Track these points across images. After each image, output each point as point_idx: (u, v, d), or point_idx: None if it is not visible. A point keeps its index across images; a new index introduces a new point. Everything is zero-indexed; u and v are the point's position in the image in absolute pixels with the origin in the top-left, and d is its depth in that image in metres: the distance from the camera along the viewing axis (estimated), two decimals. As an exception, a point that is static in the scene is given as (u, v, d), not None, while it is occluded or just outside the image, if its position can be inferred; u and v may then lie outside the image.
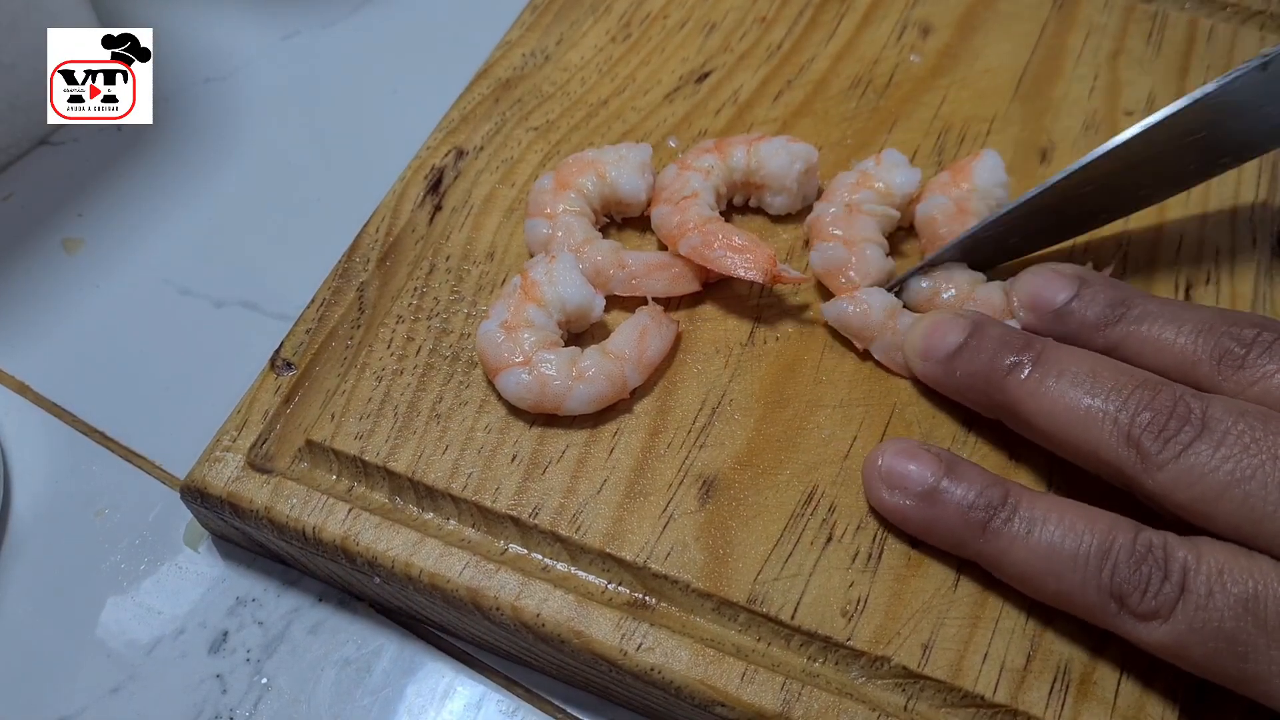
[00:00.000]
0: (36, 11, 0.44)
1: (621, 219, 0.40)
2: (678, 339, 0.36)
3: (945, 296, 0.36)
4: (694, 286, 0.37)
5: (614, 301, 0.37)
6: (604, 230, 0.39)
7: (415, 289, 0.38)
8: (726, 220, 0.39)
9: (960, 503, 0.29)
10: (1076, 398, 0.29)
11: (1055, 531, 0.28)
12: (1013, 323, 0.34)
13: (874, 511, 0.33)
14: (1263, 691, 0.26)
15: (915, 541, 0.32)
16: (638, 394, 0.35)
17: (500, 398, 0.35)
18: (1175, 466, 0.27)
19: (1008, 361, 0.31)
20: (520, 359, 0.34)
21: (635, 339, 0.35)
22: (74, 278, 0.44)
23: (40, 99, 0.46)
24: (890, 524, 0.32)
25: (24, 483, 0.38)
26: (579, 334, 0.37)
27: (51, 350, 0.42)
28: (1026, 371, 0.30)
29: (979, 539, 0.29)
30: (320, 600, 0.36)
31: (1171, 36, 0.45)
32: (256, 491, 0.34)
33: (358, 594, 0.35)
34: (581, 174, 0.39)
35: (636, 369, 0.35)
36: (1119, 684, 0.30)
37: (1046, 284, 0.33)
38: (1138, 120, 0.42)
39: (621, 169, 0.39)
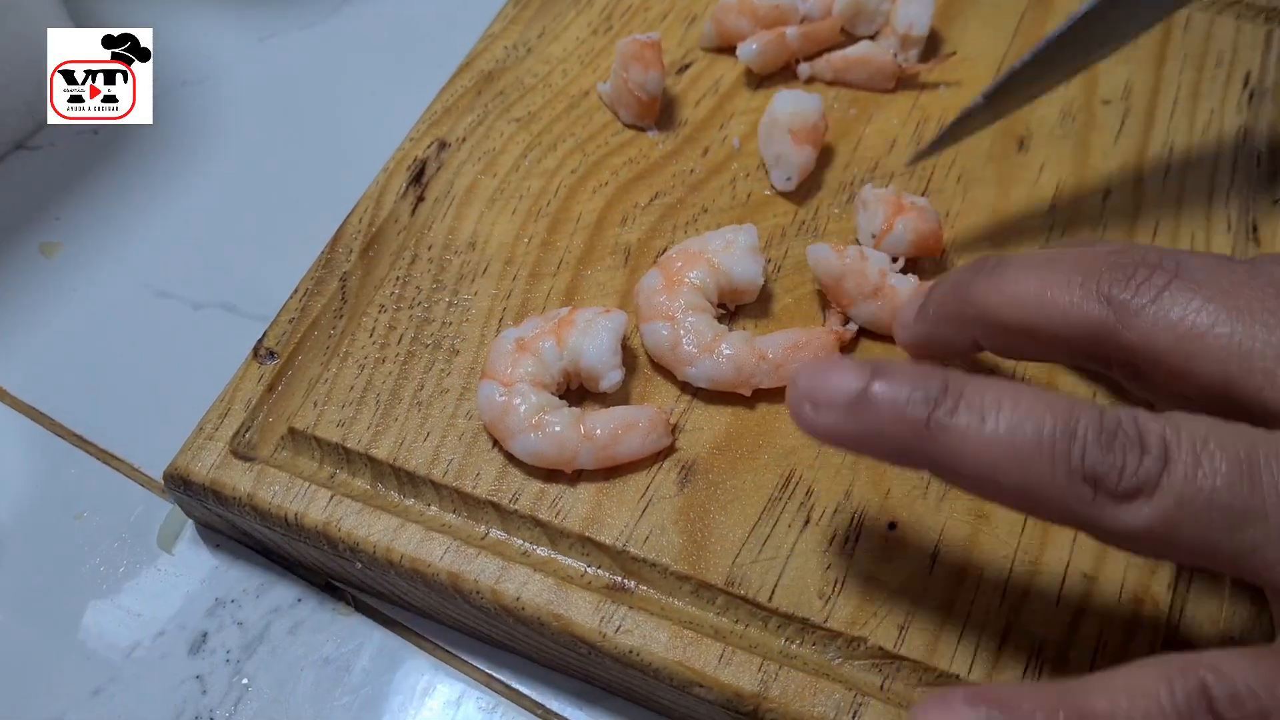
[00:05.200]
0: (10, 18, 0.44)
1: (735, 307, 0.37)
2: (663, 451, 0.34)
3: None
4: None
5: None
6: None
7: (398, 278, 0.38)
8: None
9: (894, 401, 0.25)
10: (1040, 276, 0.28)
11: (1011, 416, 0.24)
12: None
13: (851, 495, 0.33)
14: (1261, 561, 0.23)
15: (892, 524, 0.32)
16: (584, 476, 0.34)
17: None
18: (1154, 310, 0.26)
19: (973, 275, 0.29)
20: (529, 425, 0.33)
21: (617, 427, 0.33)
22: (52, 281, 0.44)
23: (14, 104, 0.46)
24: (867, 507, 0.33)
25: (2, 487, 0.39)
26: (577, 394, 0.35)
27: (29, 354, 0.42)
28: (990, 273, 0.29)
29: (924, 439, 0.25)
30: (300, 600, 0.36)
31: (1148, 26, 0.45)
32: (239, 479, 0.34)
33: (341, 582, 0.36)
34: (691, 267, 0.36)
35: (593, 455, 0.33)
36: (1092, 665, 0.30)
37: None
38: (1114, 109, 0.42)
39: (733, 256, 0.36)
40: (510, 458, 0.34)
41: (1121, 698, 0.23)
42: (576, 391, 0.35)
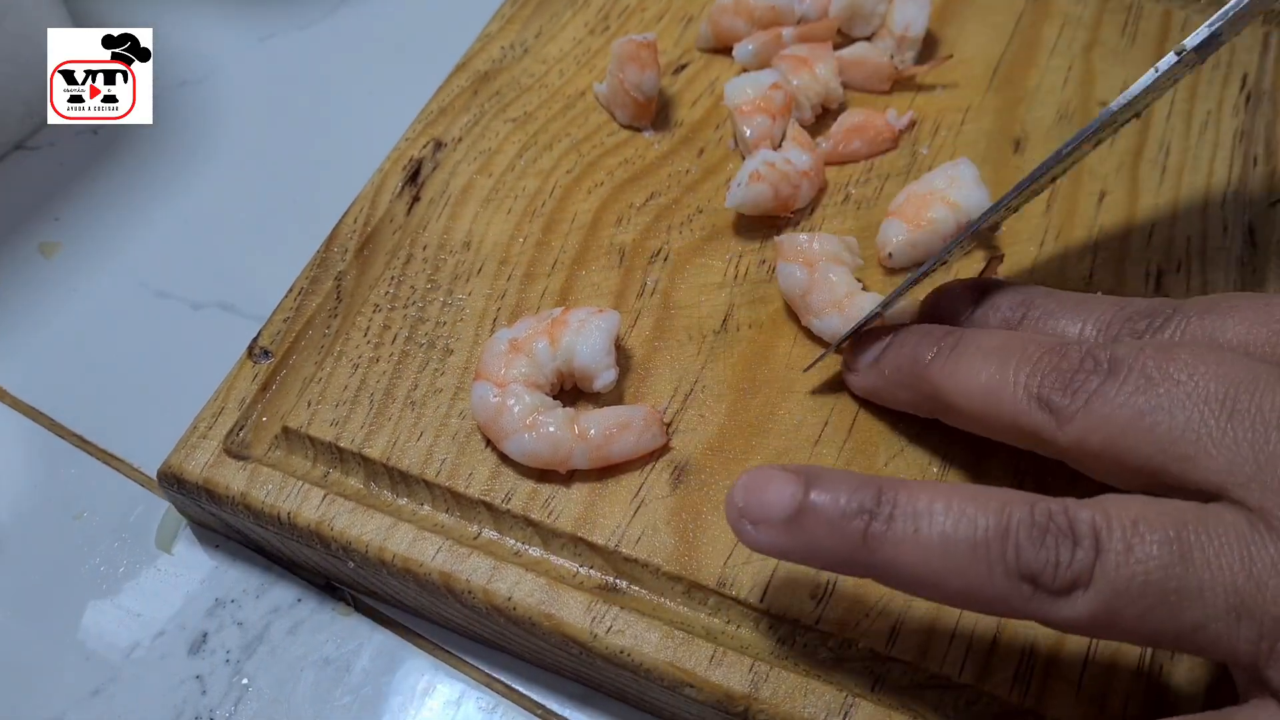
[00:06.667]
0: (10, 18, 0.44)
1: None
2: (656, 451, 0.34)
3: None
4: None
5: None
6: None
7: (392, 278, 0.38)
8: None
9: (829, 518, 0.26)
10: (988, 371, 0.29)
11: (944, 522, 0.25)
12: None
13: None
14: (1207, 640, 0.24)
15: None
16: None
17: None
18: (1084, 415, 0.26)
19: (930, 351, 0.31)
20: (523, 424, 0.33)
21: (610, 427, 0.33)
22: (51, 281, 0.44)
23: (14, 104, 0.46)
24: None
25: (2, 487, 0.39)
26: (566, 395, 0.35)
27: (29, 354, 0.42)
28: (946, 356, 0.30)
29: (863, 553, 0.26)
30: (299, 600, 0.36)
31: (1146, 28, 0.45)
32: (233, 478, 0.34)
33: (339, 582, 0.36)
34: (927, 207, 0.37)
35: (586, 454, 0.33)
36: (1085, 666, 0.30)
37: (952, 300, 0.34)
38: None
39: (962, 190, 0.37)
40: (504, 458, 0.34)
41: None
42: (570, 392, 0.35)
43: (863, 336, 0.34)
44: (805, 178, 0.39)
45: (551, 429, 0.33)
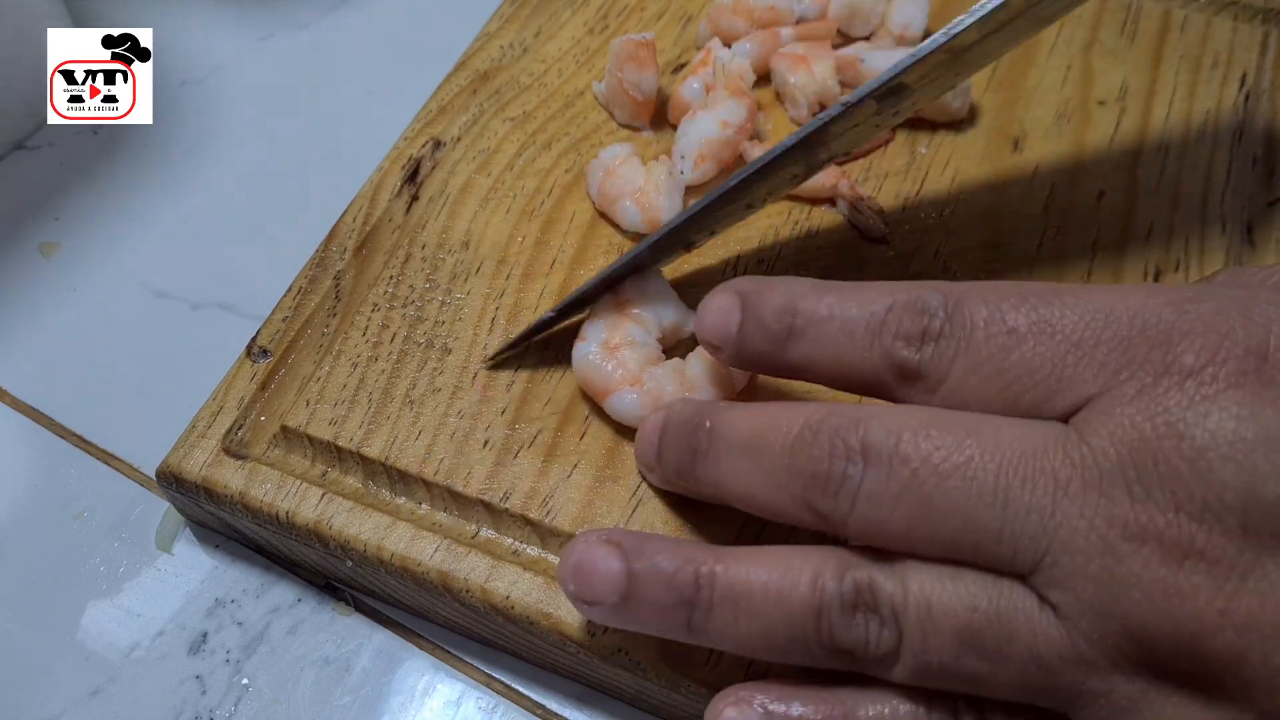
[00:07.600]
0: (10, 17, 0.44)
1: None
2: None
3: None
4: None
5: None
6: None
7: (391, 277, 0.38)
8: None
9: (657, 603, 0.27)
10: (749, 478, 0.27)
11: (760, 609, 0.26)
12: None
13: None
14: (1007, 713, 0.25)
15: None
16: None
17: (474, 382, 0.35)
18: (856, 519, 0.25)
19: (689, 454, 0.29)
20: (629, 379, 0.34)
21: (713, 379, 0.34)
22: (51, 282, 0.44)
23: (14, 104, 0.46)
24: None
25: (2, 487, 0.39)
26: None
27: (28, 354, 0.42)
28: (704, 458, 0.28)
29: (690, 636, 0.27)
30: (299, 600, 0.36)
31: (1145, 28, 0.45)
32: (231, 477, 0.34)
33: (339, 581, 0.36)
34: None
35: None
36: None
37: (715, 318, 0.29)
38: (1110, 110, 0.42)
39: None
40: (501, 458, 0.34)
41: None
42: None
43: (642, 434, 0.32)
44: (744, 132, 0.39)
45: (661, 381, 0.33)
